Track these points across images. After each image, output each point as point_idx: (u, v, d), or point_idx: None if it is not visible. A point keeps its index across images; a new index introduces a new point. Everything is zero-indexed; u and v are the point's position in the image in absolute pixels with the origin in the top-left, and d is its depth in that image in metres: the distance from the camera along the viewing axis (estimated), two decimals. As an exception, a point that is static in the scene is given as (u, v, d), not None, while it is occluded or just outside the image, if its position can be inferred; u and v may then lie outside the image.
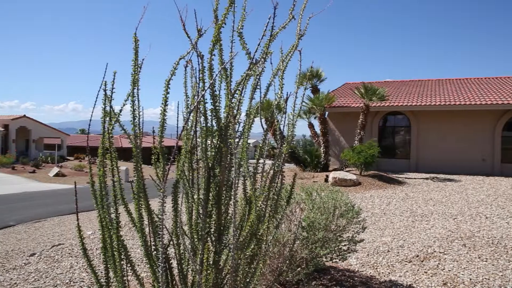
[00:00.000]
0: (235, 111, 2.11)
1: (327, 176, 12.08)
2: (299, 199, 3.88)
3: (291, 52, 2.76)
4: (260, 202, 2.03)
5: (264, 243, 2.06)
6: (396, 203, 8.97)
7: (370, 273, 4.61)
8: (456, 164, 16.25)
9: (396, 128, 18.27)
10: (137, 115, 2.23)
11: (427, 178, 13.89)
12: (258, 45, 2.24)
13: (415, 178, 13.89)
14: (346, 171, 13.30)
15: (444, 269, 4.77)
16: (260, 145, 2.27)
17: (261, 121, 2.42)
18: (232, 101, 2.28)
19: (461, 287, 4.22)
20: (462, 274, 4.58)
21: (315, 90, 17.04)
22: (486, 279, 4.44)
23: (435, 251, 5.42)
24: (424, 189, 11.36)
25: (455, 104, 15.76)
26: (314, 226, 3.44)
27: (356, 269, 4.71)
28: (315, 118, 16.39)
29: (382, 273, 4.63)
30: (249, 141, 2.47)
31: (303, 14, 2.80)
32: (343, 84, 23.13)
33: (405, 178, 13.93)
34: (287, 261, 2.61)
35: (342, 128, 17.94)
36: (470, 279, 4.44)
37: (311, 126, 18.45)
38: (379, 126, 17.96)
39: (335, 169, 14.71)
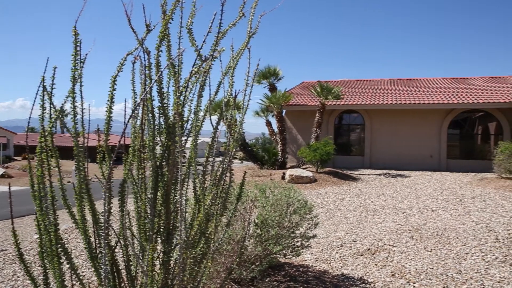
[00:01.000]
0: (181, 108, 2.08)
1: (284, 173, 12.24)
2: (253, 196, 3.89)
3: (242, 50, 2.76)
4: (208, 201, 2.01)
5: (213, 242, 2.04)
6: (350, 199, 9.24)
7: (324, 267, 4.72)
8: (407, 160, 17.01)
9: (351, 126, 18.83)
10: (79, 113, 2.14)
11: (380, 174, 14.42)
12: (204, 41, 2.21)
13: (368, 174, 14.38)
14: (303, 169, 13.53)
15: (393, 260, 4.97)
16: (209, 143, 2.25)
17: (210, 120, 2.40)
18: (180, 98, 2.25)
19: (408, 277, 4.42)
20: (409, 265, 4.79)
21: (272, 88, 17.16)
22: (430, 268, 4.68)
23: (385, 244, 5.64)
24: (377, 184, 11.79)
25: (406, 103, 16.46)
26: (268, 223, 3.47)
27: (310, 264, 4.81)
28: (272, 116, 16.54)
29: (335, 267, 4.75)
30: (206, 139, 2.45)
31: (254, 12, 2.81)
32: (300, 82, 23.52)
33: (359, 174, 14.38)
34: (237, 259, 2.61)
35: (299, 126, 18.23)
36: (416, 269, 4.66)
37: (269, 124, 18.60)
38: (335, 124, 18.43)
39: (292, 167, 14.93)
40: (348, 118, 18.73)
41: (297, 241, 3.92)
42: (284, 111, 17.96)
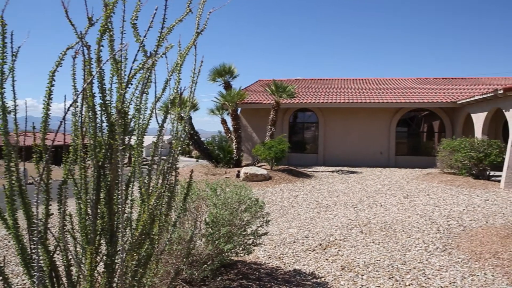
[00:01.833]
0: (121, 105, 2.00)
1: (239, 171, 12.24)
2: (205, 195, 3.85)
3: (190, 47, 2.72)
4: (152, 201, 1.96)
5: (157, 243, 1.99)
6: (303, 196, 9.41)
7: (276, 264, 4.77)
8: (359, 157, 17.60)
9: (305, 124, 19.18)
10: (13, 110, 2.00)
11: (333, 171, 14.81)
12: (145, 36, 2.15)
13: (322, 172, 14.72)
14: (258, 166, 13.61)
15: (343, 255, 5.12)
16: (155, 141, 2.19)
17: (156, 117, 2.33)
18: (124, 95, 2.17)
19: (357, 270, 4.56)
20: (358, 258, 4.96)
21: (227, 86, 17.10)
22: (377, 260, 4.86)
23: (336, 239, 5.79)
24: (330, 181, 12.10)
25: (357, 102, 17.01)
26: (219, 222, 3.45)
27: (263, 261, 4.84)
28: (228, 114, 16.48)
29: (288, 263, 4.82)
30: (164, 137, 2.37)
31: (203, 8, 2.77)
32: (256, 81, 23.63)
33: (313, 171, 14.69)
34: (185, 259, 2.57)
35: (255, 124, 18.32)
36: (365, 262, 4.82)
37: (224, 122, 18.53)
38: (290, 122, 18.69)
39: (247, 165, 14.97)
40: (302, 116, 19.06)
41: (249, 239, 3.93)
42: (239, 109, 17.97)
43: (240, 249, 3.93)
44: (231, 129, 15.80)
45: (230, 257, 3.96)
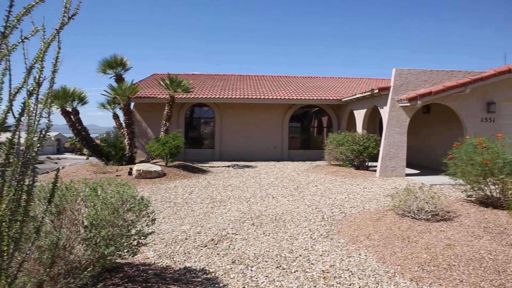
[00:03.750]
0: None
1: (131, 169, 11.65)
2: (84, 196, 3.54)
3: (56, 34, 2.45)
4: (3, 205, 1.70)
5: (7, 255, 1.74)
6: (198, 192, 9.34)
7: (167, 263, 4.63)
8: (254, 152, 18.13)
9: (202, 120, 19.09)
10: None
11: (229, 166, 14.99)
12: None
13: (218, 167, 14.80)
14: (153, 163, 13.14)
15: (234, 248, 5.18)
16: (9, 138, 1.91)
17: (12, 112, 2.04)
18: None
19: (247, 262, 4.66)
20: (249, 250, 5.07)
21: (119, 79, 16.12)
22: (267, 251, 5.03)
23: (228, 233, 5.85)
24: (225, 176, 12.22)
25: (253, 98, 17.45)
26: (98, 224, 3.20)
27: (153, 262, 4.66)
28: (120, 109, 15.55)
29: (178, 261, 4.71)
30: (50, 134, 2.07)
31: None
32: (151, 74, 22.78)
33: (209, 167, 14.70)
34: (50, 269, 2.32)
35: (150, 119, 17.66)
36: (255, 253, 4.95)
37: (116, 117, 17.50)
38: (186, 117, 18.42)
39: (142, 161, 14.35)
40: (199, 111, 18.93)
41: (134, 240, 3.73)
42: (133, 103, 17.13)
43: (125, 251, 3.71)
44: (124, 124, 14.96)
45: (114, 261, 3.71)
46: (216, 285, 3.99)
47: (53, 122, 2.35)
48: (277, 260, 4.70)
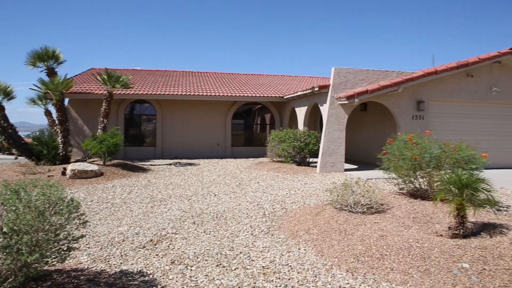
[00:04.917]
0: None
1: (64, 168, 10.96)
2: (4, 199, 3.25)
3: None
4: None
5: None
6: (137, 191, 9.02)
7: (101, 267, 4.41)
8: (197, 149, 17.89)
9: (142, 117, 18.48)
10: None
11: (170, 164, 14.65)
12: None
13: (159, 165, 14.42)
14: (89, 162, 12.49)
15: (174, 248, 5.06)
16: None
17: None
18: None
19: (187, 261, 4.57)
20: (189, 250, 4.98)
21: (51, 72, 15.08)
22: (207, 250, 4.97)
23: (168, 233, 5.70)
24: (166, 174, 11.92)
25: (195, 95, 17.19)
26: (21, 229, 2.95)
27: (86, 267, 4.42)
28: (53, 105, 14.57)
29: (114, 264, 4.51)
30: None
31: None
32: (89, 69, 21.66)
33: (150, 165, 14.28)
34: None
35: (86, 116, 16.77)
36: (195, 252, 4.87)
37: (48, 113, 16.40)
38: (126, 114, 17.73)
39: (77, 161, 13.58)
40: (139, 108, 18.30)
41: (63, 245, 3.50)
42: (67, 99, 16.16)
43: (53, 257, 3.47)
44: (57, 121, 14.04)
45: (40, 268, 3.45)
46: (154, 287, 3.87)
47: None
48: (217, 259, 4.66)
